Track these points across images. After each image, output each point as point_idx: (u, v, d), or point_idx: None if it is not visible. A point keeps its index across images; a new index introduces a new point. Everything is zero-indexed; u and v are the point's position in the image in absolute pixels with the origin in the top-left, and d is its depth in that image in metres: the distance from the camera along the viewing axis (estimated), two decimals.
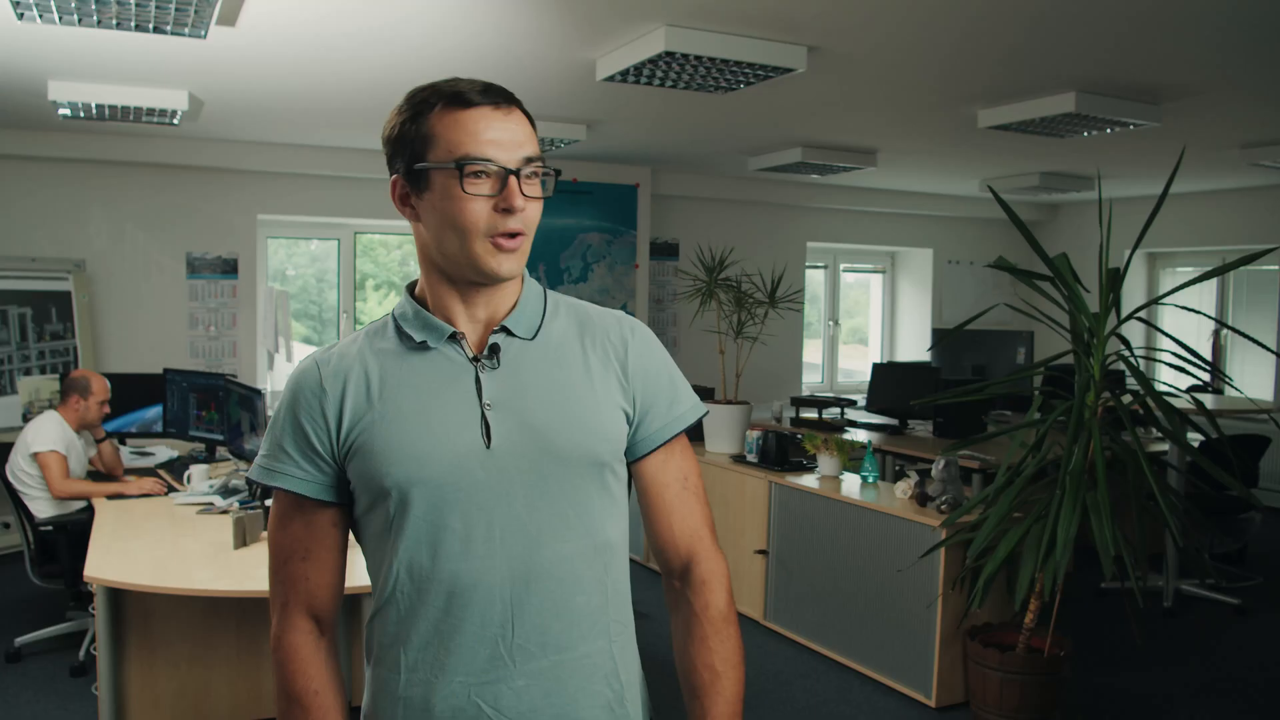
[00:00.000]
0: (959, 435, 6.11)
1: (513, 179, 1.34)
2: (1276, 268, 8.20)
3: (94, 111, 5.13)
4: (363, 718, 1.46)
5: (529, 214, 1.37)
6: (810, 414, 6.93)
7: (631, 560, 4.33)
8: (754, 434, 5.29)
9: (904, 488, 4.49)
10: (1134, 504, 3.56)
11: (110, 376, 4.86)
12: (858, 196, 8.96)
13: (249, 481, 4.11)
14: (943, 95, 5.03)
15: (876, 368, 7.16)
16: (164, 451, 5.30)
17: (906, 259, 10.07)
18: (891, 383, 6.90)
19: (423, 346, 1.40)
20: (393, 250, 8.44)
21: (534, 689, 1.37)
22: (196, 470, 4.39)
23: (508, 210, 1.33)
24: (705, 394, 6.01)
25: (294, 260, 7.87)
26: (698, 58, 3.93)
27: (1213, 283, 8.99)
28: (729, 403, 5.64)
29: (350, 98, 5.21)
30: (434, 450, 1.35)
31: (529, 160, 1.36)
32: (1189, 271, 9.54)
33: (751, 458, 5.27)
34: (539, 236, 1.28)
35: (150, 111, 5.11)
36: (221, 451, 5.10)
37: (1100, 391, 3.67)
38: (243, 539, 3.38)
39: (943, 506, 4.19)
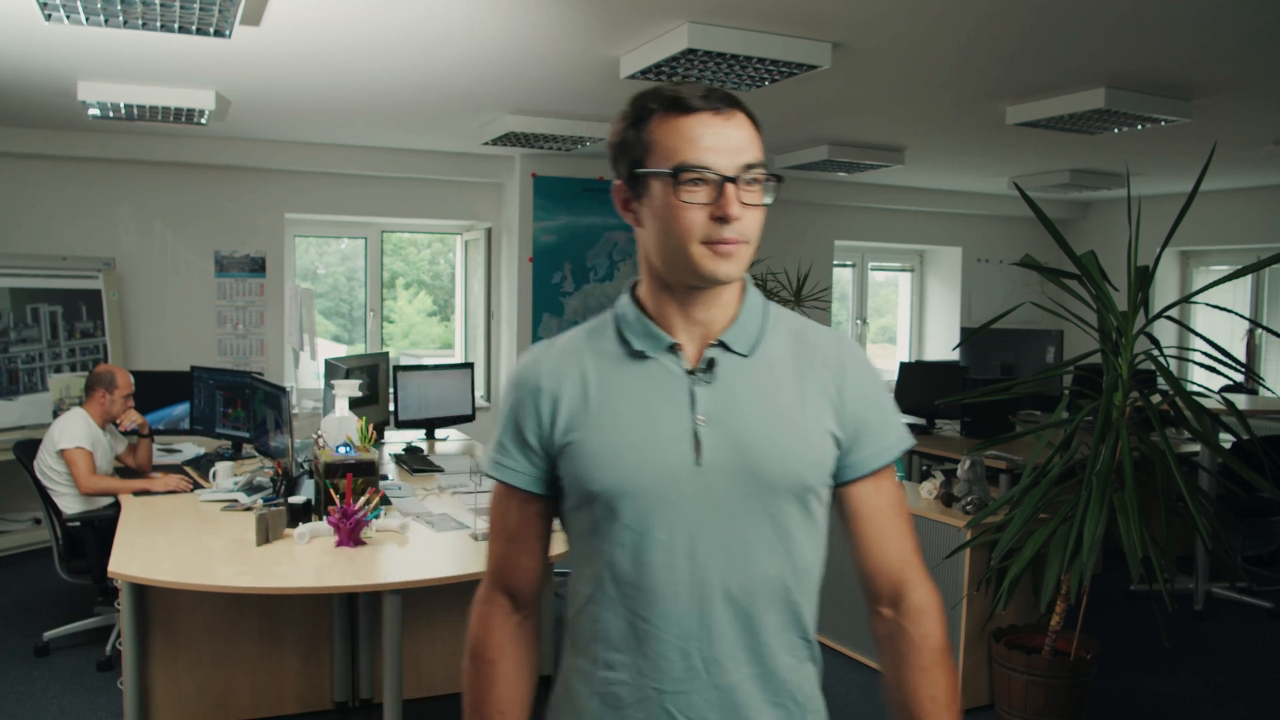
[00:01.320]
0: (986, 435, 6.05)
1: (729, 187, 1.32)
2: None
3: (123, 111, 5.17)
4: (556, 693, 1.53)
5: (746, 223, 1.35)
6: None
7: None
8: None
9: (929, 487, 4.45)
10: (1162, 505, 3.51)
11: (138, 374, 4.90)
12: (886, 194, 8.90)
13: (273, 479, 4.13)
14: (970, 91, 4.99)
15: (904, 367, 7.10)
16: (190, 448, 5.34)
17: (935, 257, 10.00)
18: (919, 382, 6.84)
19: (641, 355, 1.41)
20: (423, 249, 8.46)
21: (724, 701, 1.38)
22: (222, 467, 4.41)
23: (723, 219, 1.32)
24: None
25: (325, 259, 7.92)
26: (721, 55, 3.91)
27: (1247, 282, 8.87)
28: None
29: (375, 96, 5.23)
30: (644, 462, 1.36)
31: (748, 167, 1.34)
32: (1222, 270, 9.42)
33: None
34: (564, 235, 1.31)
35: (178, 111, 5.15)
36: (247, 449, 5.12)
37: (1129, 391, 3.61)
38: (265, 536, 3.39)
39: (968, 507, 4.15)
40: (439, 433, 5.96)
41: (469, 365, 6.12)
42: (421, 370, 5.86)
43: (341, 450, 3.67)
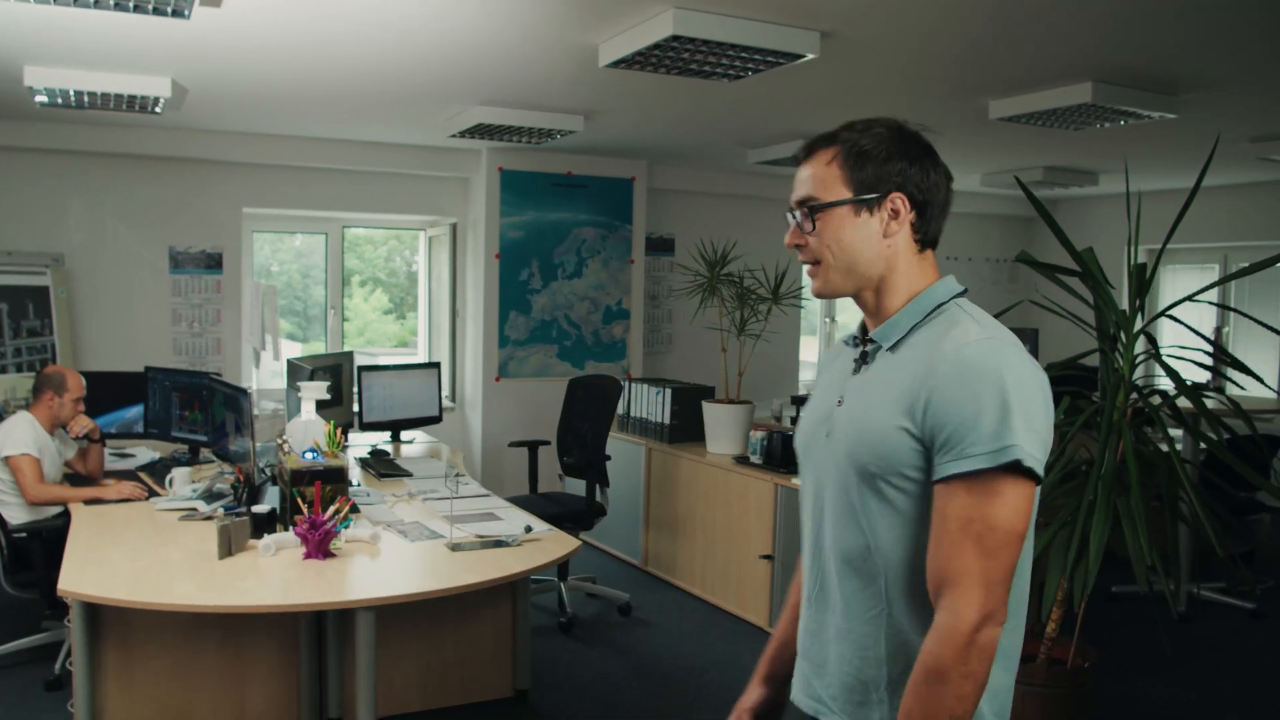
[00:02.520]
0: None
1: (790, 219, 1.63)
2: None
3: (73, 99, 4.92)
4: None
5: (810, 247, 1.61)
6: None
7: (631, 564, 4.13)
8: (758, 434, 5.12)
9: None
10: (1165, 508, 3.40)
11: (89, 375, 4.66)
12: None
13: (234, 486, 3.91)
14: (956, 85, 4.87)
15: None
16: (145, 453, 5.10)
17: None
18: None
19: (851, 345, 1.68)
20: (379, 246, 8.24)
21: (815, 635, 1.66)
22: (179, 474, 4.19)
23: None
24: (705, 393, 5.84)
25: (278, 256, 7.67)
26: (706, 43, 3.75)
27: (1214, 277, 8.88)
28: (731, 402, 5.47)
29: (339, 85, 5.02)
30: (804, 434, 1.70)
31: (800, 202, 1.60)
32: (1190, 269, 9.42)
33: (755, 459, 5.10)
34: (532, 231, 2.93)
35: (131, 99, 4.91)
36: (205, 453, 4.91)
37: (1129, 392, 3.51)
38: (228, 548, 3.19)
39: None
40: (405, 434, 5.76)
41: (435, 365, 5.93)
42: (386, 370, 5.67)
43: (308, 456, 3.47)
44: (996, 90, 4.97)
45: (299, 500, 3.25)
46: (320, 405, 4.50)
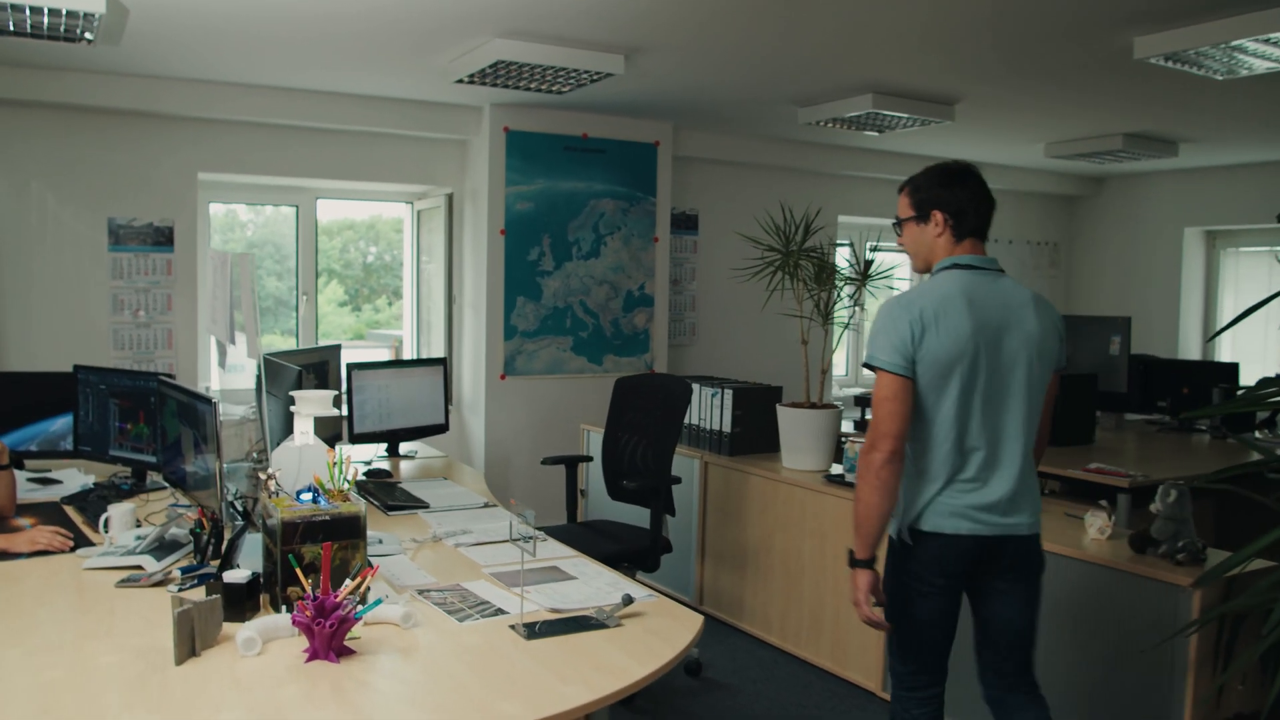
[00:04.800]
0: (1078, 443, 5.00)
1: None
2: None
3: None
4: None
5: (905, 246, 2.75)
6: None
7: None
8: (856, 445, 4.09)
9: (1099, 524, 3.32)
10: None
11: (3, 376, 3.54)
12: (889, 164, 7.79)
13: (194, 529, 2.81)
14: (1094, 14, 3.88)
15: None
16: (74, 477, 3.94)
17: None
18: None
19: None
20: (334, 237, 7.11)
21: None
22: (117, 513, 3.06)
23: None
24: (774, 395, 4.80)
25: (230, 245, 6.50)
26: None
27: None
28: (813, 406, 4.42)
29: (318, 17, 3.93)
30: None
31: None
32: (1253, 251, 8.54)
33: (852, 477, 4.07)
34: (543, 203, 4.14)
35: (55, 15, 3.76)
36: (156, 477, 3.79)
37: None
38: (190, 646, 2.10)
39: (1180, 556, 3.01)
40: (404, 446, 4.67)
41: (440, 361, 4.83)
42: (381, 368, 4.56)
43: (305, 499, 2.38)
44: (1147, 22, 3.99)
45: (298, 571, 2.16)
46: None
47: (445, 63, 4.85)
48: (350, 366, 4.40)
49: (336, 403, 2.62)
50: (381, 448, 4.59)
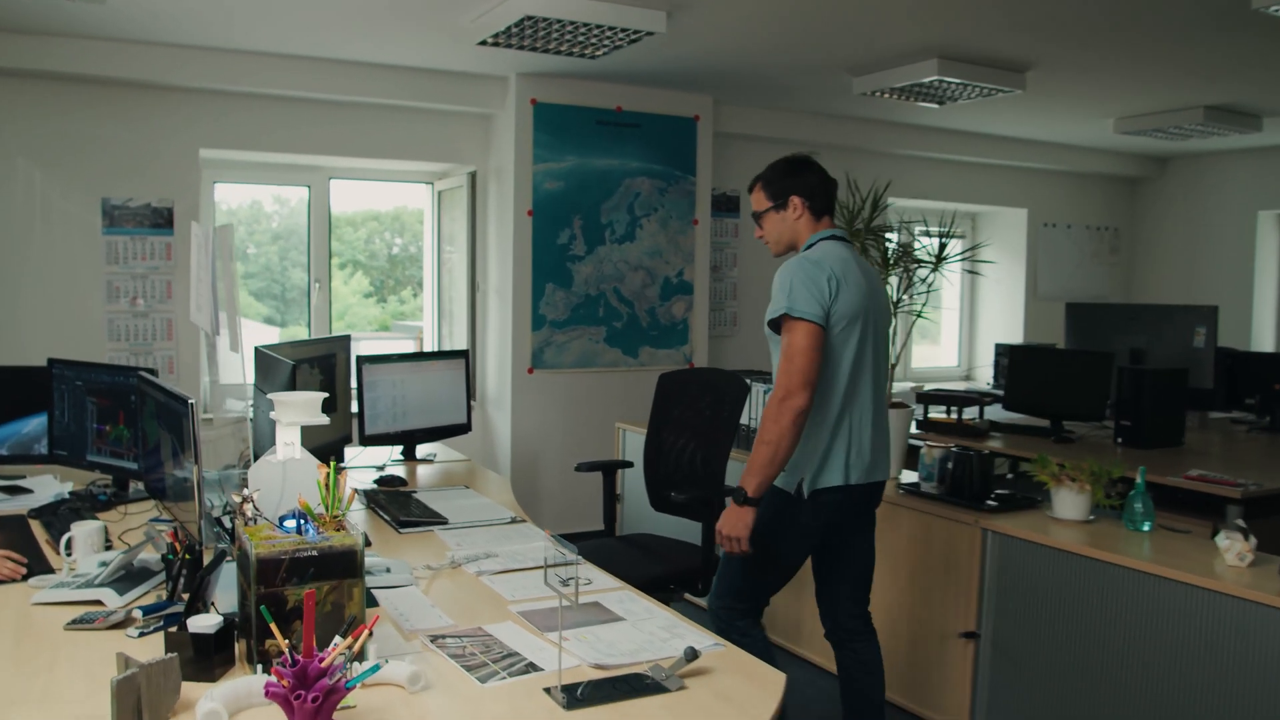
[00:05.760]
0: (1160, 445, 4.51)
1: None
2: None
3: None
4: None
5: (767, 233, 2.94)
6: (938, 413, 5.25)
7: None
8: (934, 452, 3.58)
9: (1238, 548, 2.80)
10: None
11: None
12: (937, 141, 7.26)
13: (167, 556, 2.34)
14: None
15: (1014, 352, 5.48)
16: (48, 484, 3.49)
17: (993, 221, 8.38)
18: (1038, 372, 5.22)
19: None
20: (359, 228, 6.67)
21: None
22: (81, 533, 2.59)
23: None
24: None
25: (254, 237, 6.07)
26: None
27: None
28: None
29: None
30: None
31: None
32: None
33: (931, 487, 3.57)
34: (573, 182, 3.98)
35: None
36: (137, 487, 3.33)
37: None
38: (137, 718, 1.63)
39: None
40: (422, 449, 4.20)
41: (462, 354, 4.36)
42: (396, 362, 4.09)
43: (288, 527, 1.90)
44: None
45: (270, 624, 1.68)
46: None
47: (467, 21, 4.37)
48: (360, 360, 3.93)
49: (327, 407, 2.12)
50: (396, 450, 4.12)
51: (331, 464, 1.95)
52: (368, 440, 3.95)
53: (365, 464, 3.95)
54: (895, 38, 4.69)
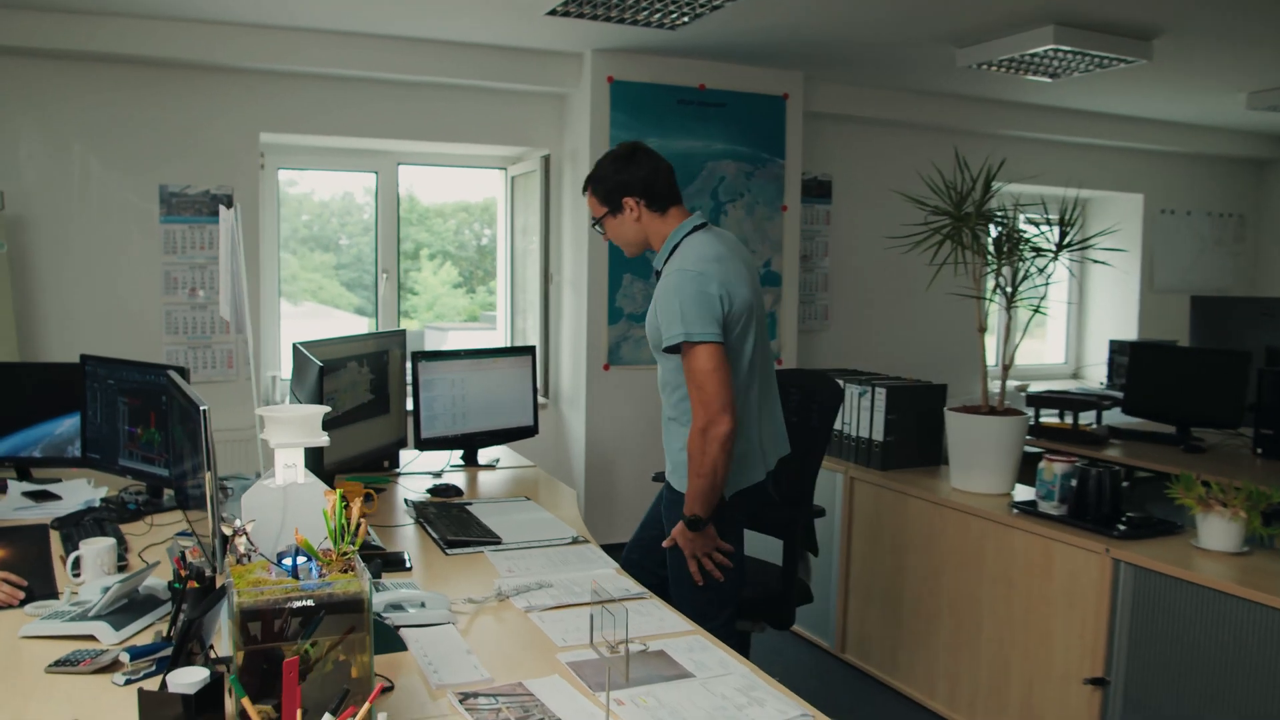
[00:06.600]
0: None
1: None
2: None
3: None
4: None
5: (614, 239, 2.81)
6: (1050, 417, 4.78)
7: (818, 647, 2.08)
8: (1056, 467, 3.14)
9: None
10: None
11: (19, 367, 2.87)
12: (1041, 121, 6.73)
13: (173, 586, 2.05)
14: None
15: (1136, 349, 4.97)
16: (80, 490, 3.25)
17: (1104, 207, 7.79)
18: (1163, 372, 4.71)
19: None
20: (448, 219, 6.40)
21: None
22: (90, 552, 2.32)
23: None
24: (937, 395, 3.88)
25: (347, 229, 5.84)
26: None
27: None
28: (993, 412, 3.48)
29: None
30: None
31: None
32: None
33: (1051, 507, 3.13)
34: None
35: None
36: (171, 495, 3.07)
37: None
38: None
39: None
40: (484, 454, 3.88)
41: (529, 350, 4.03)
42: (454, 359, 3.77)
43: (284, 568, 1.57)
44: None
45: (244, 700, 1.35)
46: (358, 416, 2.60)
47: None
48: (415, 356, 3.63)
49: (378, 408, 1.80)
50: (456, 455, 3.82)
51: (337, 492, 1.61)
52: (424, 444, 3.65)
53: (421, 469, 3.65)
54: (1006, 2, 4.23)
